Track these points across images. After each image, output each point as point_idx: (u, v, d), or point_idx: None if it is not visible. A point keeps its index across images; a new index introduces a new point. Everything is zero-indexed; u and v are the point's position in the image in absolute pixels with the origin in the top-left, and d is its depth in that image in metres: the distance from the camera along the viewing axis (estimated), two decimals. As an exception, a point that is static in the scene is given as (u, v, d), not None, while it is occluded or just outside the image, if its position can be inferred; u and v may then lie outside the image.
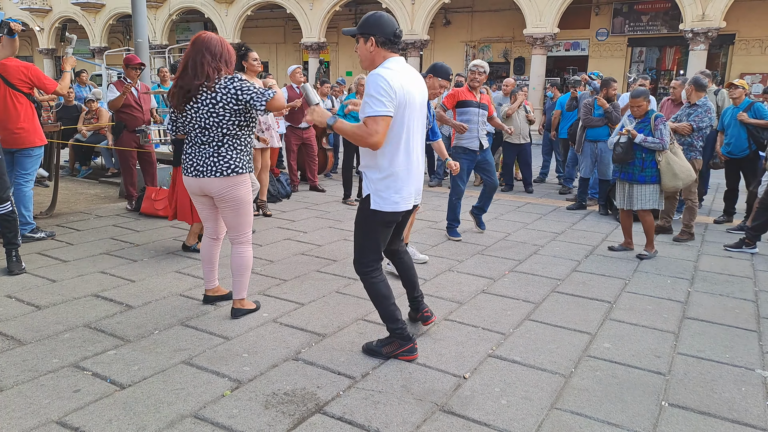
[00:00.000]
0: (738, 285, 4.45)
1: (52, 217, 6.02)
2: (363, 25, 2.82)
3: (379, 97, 2.66)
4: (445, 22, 22.74)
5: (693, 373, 3.00)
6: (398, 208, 2.88)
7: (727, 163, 6.54)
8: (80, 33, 28.85)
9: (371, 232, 2.96)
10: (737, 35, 18.24)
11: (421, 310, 3.36)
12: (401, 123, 2.80)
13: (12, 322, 3.37)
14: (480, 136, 5.46)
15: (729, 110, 6.48)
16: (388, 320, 3.04)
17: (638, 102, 5.10)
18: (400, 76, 2.76)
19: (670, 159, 4.98)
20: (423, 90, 2.97)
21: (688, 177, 5.01)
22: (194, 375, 2.81)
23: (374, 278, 3.00)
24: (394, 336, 3.03)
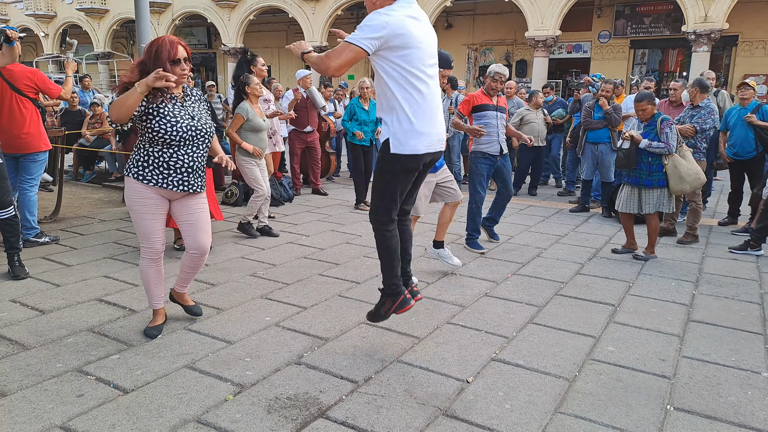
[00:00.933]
0: (743, 287, 4.42)
1: (56, 222, 6.04)
2: None
3: (362, 27, 2.65)
4: (446, 25, 22.78)
5: (698, 376, 2.98)
6: (419, 150, 2.79)
7: (733, 164, 6.51)
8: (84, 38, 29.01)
9: (391, 180, 2.86)
10: (740, 37, 18.22)
11: (410, 285, 3.22)
12: (408, 62, 2.71)
13: (16, 326, 3.38)
14: (500, 140, 5.18)
15: (734, 111, 6.43)
16: (387, 273, 3.04)
17: (642, 106, 5.09)
18: (402, 18, 2.68)
19: (676, 162, 4.95)
20: (432, 36, 2.88)
21: (695, 180, 4.97)
22: (197, 379, 2.81)
23: (388, 231, 2.95)
24: (387, 291, 3.06)
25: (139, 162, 3.12)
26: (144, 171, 3.10)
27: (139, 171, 3.11)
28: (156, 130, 3.04)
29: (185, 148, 3.14)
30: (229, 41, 24.76)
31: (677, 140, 5.03)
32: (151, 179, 3.10)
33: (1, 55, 4.39)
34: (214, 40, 27.98)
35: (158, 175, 3.11)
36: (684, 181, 4.93)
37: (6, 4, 33.16)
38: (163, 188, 3.13)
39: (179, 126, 3.09)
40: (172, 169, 3.12)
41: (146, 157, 3.11)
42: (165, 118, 3.05)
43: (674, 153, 4.97)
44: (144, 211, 3.14)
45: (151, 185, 3.11)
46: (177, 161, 3.13)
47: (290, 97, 7.76)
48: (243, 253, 5.05)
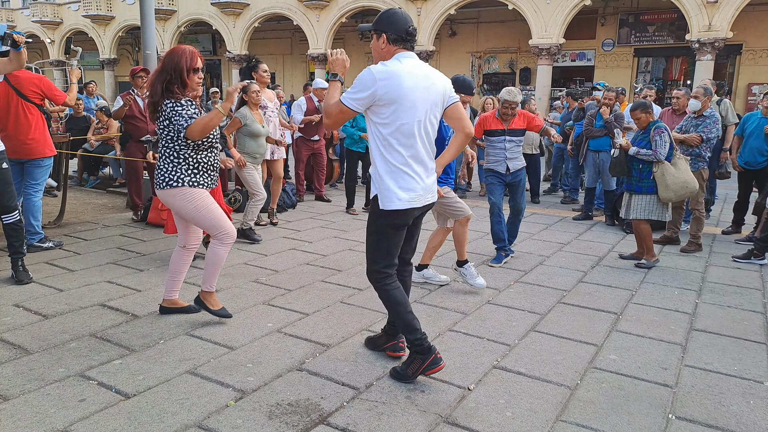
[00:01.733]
0: (746, 296, 4.41)
1: (60, 227, 6.07)
2: (377, 21, 2.82)
3: (355, 87, 2.70)
4: (450, 33, 22.88)
5: (700, 385, 2.97)
6: (402, 206, 2.77)
7: (742, 173, 6.48)
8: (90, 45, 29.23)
9: (381, 236, 2.87)
10: (744, 45, 18.23)
11: (398, 339, 3.11)
12: (394, 119, 2.70)
13: (19, 331, 3.39)
14: (507, 160, 5.25)
15: (754, 118, 6.33)
16: (405, 330, 2.87)
17: (635, 115, 5.24)
18: (394, 73, 2.66)
19: (664, 170, 5.03)
20: (434, 86, 2.79)
21: (680, 189, 5.00)
22: (198, 385, 2.81)
23: (387, 285, 2.89)
24: (414, 350, 2.87)
25: (188, 170, 3.33)
26: (197, 177, 3.37)
27: (192, 179, 3.35)
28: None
29: (215, 149, 3.48)
30: (233, 48, 24.90)
31: (670, 148, 5.07)
32: (203, 183, 3.39)
33: (8, 61, 4.43)
34: (219, 47, 28.15)
35: (207, 178, 3.42)
36: (669, 189, 5.00)
37: (13, 10, 33.47)
38: (208, 188, 3.43)
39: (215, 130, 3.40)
40: (212, 170, 3.45)
41: (195, 164, 3.35)
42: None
43: (663, 161, 5.02)
44: (209, 205, 3.37)
45: (203, 188, 3.39)
46: (214, 162, 3.47)
47: (302, 104, 7.83)
48: (246, 260, 5.06)
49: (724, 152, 6.88)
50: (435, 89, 2.80)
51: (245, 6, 24.28)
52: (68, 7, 30.66)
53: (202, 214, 3.38)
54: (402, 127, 2.71)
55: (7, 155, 4.35)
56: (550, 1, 18.08)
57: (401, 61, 2.73)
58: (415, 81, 2.71)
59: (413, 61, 2.77)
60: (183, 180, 3.33)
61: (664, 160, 5.03)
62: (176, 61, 3.24)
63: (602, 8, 19.87)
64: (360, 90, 2.68)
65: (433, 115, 2.83)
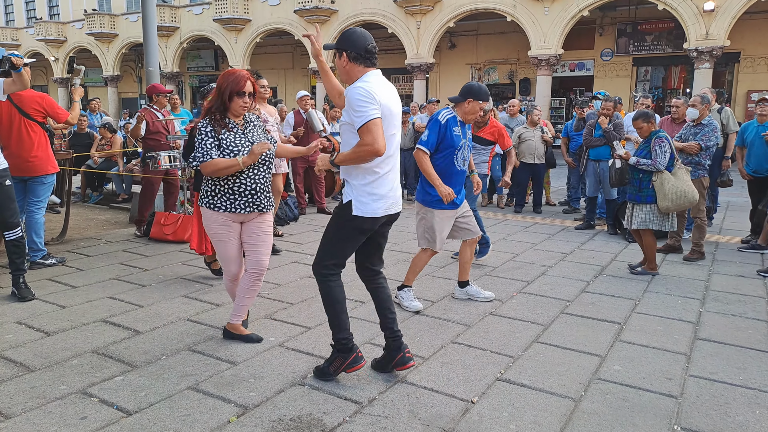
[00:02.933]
0: (750, 305, 4.39)
1: (63, 243, 6.09)
2: (338, 40, 2.93)
3: (365, 104, 2.73)
4: (450, 45, 23.03)
5: (705, 395, 2.95)
6: (377, 214, 2.91)
7: (751, 181, 6.47)
8: (93, 62, 29.48)
9: (345, 238, 2.97)
10: (742, 53, 18.31)
11: (403, 350, 3.05)
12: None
13: (21, 348, 3.39)
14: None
15: (752, 127, 6.37)
16: (335, 328, 3.00)
17: (637, 124, 5.27)
18: (378, 87, 2.81)
19: (663, 179, 5.04)
20: (398, 101, 3.00)
21: (678, 198, 4.99)
22: (200, 401, 2.80)
23: (333, 281, 3.01)
24: (337, 347, 2.99)
25: (208, 192, 3.34)
26: (214, 199, 3.32)
27: (209, 200, 3.33)
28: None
29: (247, 172, 3.30)
30: (236, 63, 25.09)
31: (671, 158, 5.07)
32: (221, 206, 3.30)
33: (11, 82, 4.48)
34: (222, 62, 28.37)
35: (225, 201, 3.30)
36: (667, 198, 5.00)
37: (17, 29, 33.84)
38: (231, 213, 3.31)
39: (243, 154, 3.24)
40: (237, 194, 3.30)
41: (213, 187, 3.33)
42: (225, 151, 3.23)
43: (662, 170, 5.03)
44: (219, 237, 3.37)
45: (221, 211, 3.31)
46: (240, 186, 3.29)
47: (290, 119, 7.83)
48: (248, 274, 5.06)
49: (726, 160, 6.89)
50: (398, 104, 2.98)
51: (247, 22, 24.51)
52: (72, 25, 31.01)
53: (212, 241, 3.45)
54: (387, 139, 2.83)
55: (10, 172, 4.38)
56: (548, 13, 18.21)
57: (371, 78, 2.85)
58: (388, 96, 2.87)
59: (380, 78, 2.90)
60: (201, 200, 3.37)
61: (663, 169, 5.03)
62: (222, 83, 3.25)
63: (600, 18, 20.01)
64: (369, 101, 2.74)
65: (399, 128, 3.03)
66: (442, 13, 20.10)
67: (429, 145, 4.09)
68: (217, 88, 3.28)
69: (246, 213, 3.33)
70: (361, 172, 2.89)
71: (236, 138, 3.27)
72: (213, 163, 3.18)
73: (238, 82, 3.22)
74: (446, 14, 20.02)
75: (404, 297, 4.21)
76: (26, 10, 33.97)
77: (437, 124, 4.10)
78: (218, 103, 3.26)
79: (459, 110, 4.15)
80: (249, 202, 3.32)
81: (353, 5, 21.85)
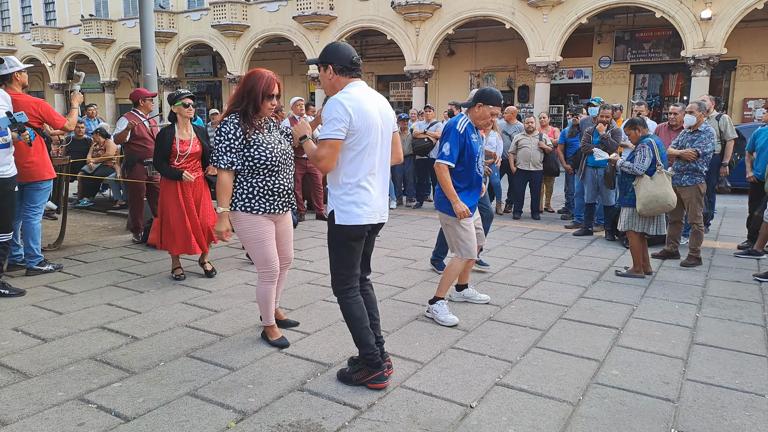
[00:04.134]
0: (747, 310, 4.40)
1: (60, 250, 6.08)
2: (322, 54, 2.96)
3: (333, 122, 2.79)
4: (449, 53, 23.12)
5: (702, 399, 2.95)
6: (361, 221, 2.91)
7: (754, 184, 6.51)
8: (90, 68, 29.49)
9: (340, 250, 3.00)
10: (739, 61, 18.42)
11: (383, 368, 3.03)
12: (359, 143, 2.86)
13: (18, 355, 3.38)
14: None
15: (764, 133, 6.47)
16: (360, 344, 3.01)
17: (626, 131, 5.51)
18: (357, 99, 2.84)
19: (641, 183, 5.18)
20: (385, 110, 2.99)
21: (650, 203, 5.09)
22: (199, 407, 2.80)
23: (349, 298, 3.02)
24: (365, 362, 3.01)
25: (244, 195, 3.31)
26: (251, 202, 3.31)
27: (246, 203, 3.31)
28: (257, 158, 3.28)
29: (282, 172, 3.39)
30: (234, 69, 25.15)
31: (653, 162, 5.17)
32: (260, 208, 3.32)
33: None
34: (220, 68, 28.43)
35: (265, 202, 3.33)
36: (639, 201, 5.16)
37: (13, 35, 33.86)
38: (271, 214, 3.36)
39: (276, 152, 3.33)
40: (276, 194, 3.37)
41: (250, 189, 3.31)
42: (262, 146, 3.29)
43: (641, 174, 5.17)
44: (261, 239, 3.35)
45: (260, 214, 3.32)
46: (279, 186, 3.37)
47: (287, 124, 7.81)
48: (246, 279, 5.06)
49: (724, 167, 6.92)
50: (385, 113, 2.99)
51: (245, 28, 24.57)
52: (69, 30, 31.03)
53: (249, 245, 3.40)
54: (365, 148, 2.88)
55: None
56: (546, 20, 18.31)
57: (352, 90, 2.88)
58: (370, 105, 2.89)
59: (363, 87, 2.94)
60: (236, 204, 3.32)
61: (641, 173, 5.18)
62: (253, 84, 3.26)
63: (598, 26, 20.12)
64: (339, 121, 2.79)
65: (385, 138, 2.99)
66: (441, 20, 20.19)
67: (452, 159, 3.96)
68: (245, 89, 3.27)
69: (283, 212, 3.42)
70: (340, 182, 2.93)
71: (266, 137, 3.33)
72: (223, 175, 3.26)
73: (270, 85, 3.27)
74: (445, 21, 20.10)
75: (438, 311, 4.02)
76: (22, 15, 33.97)
77: (457, 135, 3.96)
78: (247, 103, 3.27)
79: (471, 115, 4.08)
80: (285, 202, 3.43)
81: (352, 12, 21.93)
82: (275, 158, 3.33)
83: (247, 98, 3.25)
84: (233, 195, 3.33)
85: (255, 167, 3.30)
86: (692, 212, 5.76)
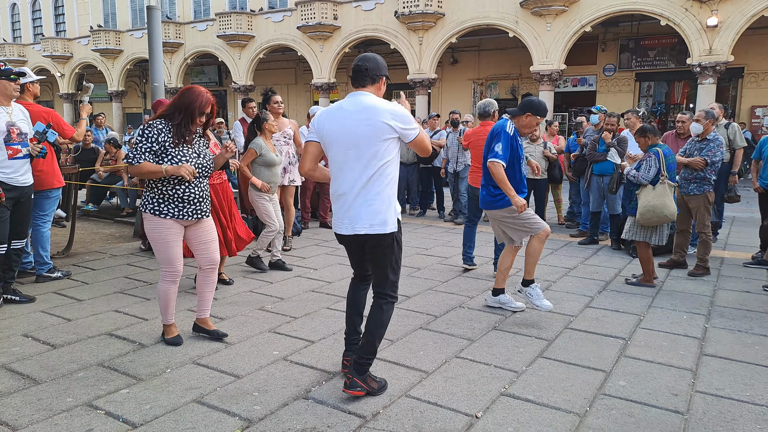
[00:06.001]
0: (757, 320, 4.37)
1: (69, 257, 6.11)
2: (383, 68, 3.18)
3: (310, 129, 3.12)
4: (452, 61, 23.18)
5: (712, 412, 2.93)
6: (336, 230, 3.07)
7: (762, 195, 6.47)
8: (99, 78, 29.74)
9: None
10: (746, 68, 18.37)
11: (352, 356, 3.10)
12: (327, 154, 3.05)
13: (28, 361, 3.40)
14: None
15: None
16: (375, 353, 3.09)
17: (637, 139, 5.53)
18: (327, 112, 3.03)
19: (643, 193, 5.22)
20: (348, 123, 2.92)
21: (647, 212, 5.11)
22: (205, 414, 2.80)
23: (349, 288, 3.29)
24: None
25: (154, 199, 3.47)
26: (160, 206, 3.47)
27: (155, 207, 3.47)
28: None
29: (194, 182, 3.52)
30: (239, 79, 25.30)
31: (657, 172, 5.16)
32: (168, 213, 3.47)
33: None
34: (225, 78, 28.60)
35: (174, 208, 3.48)
36: (639, 211, 5.20)
37: (24, 45, 34.22)
38: (180, 219, 3.51)
39: (191, 164, 3.47)
40: (187, 201, 3.51)
41: (160, 195, 3.46)
42: (176, 158, 3.43)
43: (644, 183, 5.19)
44: (165, 240, 3.50)
45: (168, 218, 3.47)
46: (190, 194, 3.52)
47: (305, 133, 7.92)
48: (251, 287, 5.07)
49: (733, 176, 6.89)
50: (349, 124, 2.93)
51: (250, 38, 24.75)
52: (78, 41, 31.34)
53: (154, 244, 3.54)
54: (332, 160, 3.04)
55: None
56: (550, 28, 18.35)
57: (341, 101, 3.05)
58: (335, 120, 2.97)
59: (345, 100, 3.03)
60: (146, 207, 3.48)
61: (644, 182, 5.19)
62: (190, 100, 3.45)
63: (602, 34, 20.14)
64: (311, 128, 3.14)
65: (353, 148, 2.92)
66: (444, 29, 20.27)
67: (504, 159, 4.18)
68: (182, 104, 3.43)
69: (194, 219, 3.57)
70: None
71: (186, 150, 3.48)
72: (141, 165, 3.36)
73: (206, 104, 3.47)
74: (448, 30, 20.18)
75: (532, 294, 4.33)
76: (33, 26, 34.36)
77: (508, 137, 4.20)
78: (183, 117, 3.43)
79: (517, 123, 4.31)
80: (196, 210, 3.56)
81: (356, 22, 22.06)
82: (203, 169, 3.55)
83: (184, 113, 3.43)
84: (144, 197, 3.52)
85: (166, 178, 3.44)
86: (700, 221, 5.74)
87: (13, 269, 4.58)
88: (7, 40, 34.74)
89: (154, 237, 3.51)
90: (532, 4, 17.97)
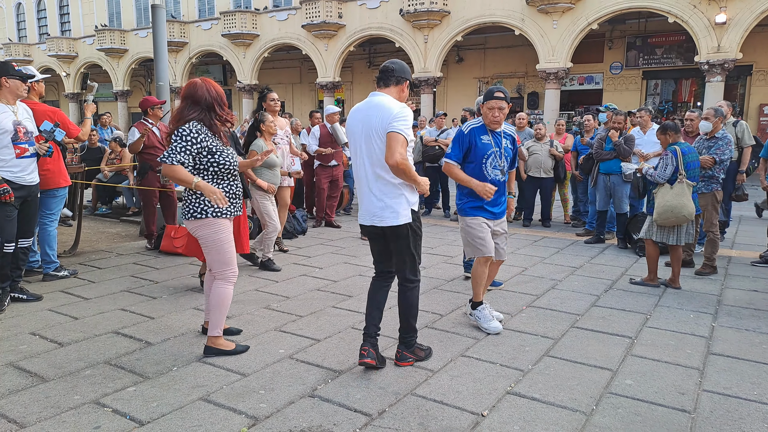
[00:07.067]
0: (764, 319, 4.34)
1: (75, 256, 6.14)
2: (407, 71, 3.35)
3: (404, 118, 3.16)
4: (458, 59, 23.13)
5: (719, 410, 2.92)
6: (359, 220, 3.35)
7: None
8: (104, 77, 29.86)
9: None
10: (755, 66, 18.23)
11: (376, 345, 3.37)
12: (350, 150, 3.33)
13: (36, 359, 3.42)
14: None
15: None
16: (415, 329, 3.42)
17: (658, 136, 5.41)
18: (353, 108, 3.29)
19: (660, 192, 5.17)
20: (361, 119, 3.19)
21: (665, 212, 5.04)
22: (212, 412, 2.81)
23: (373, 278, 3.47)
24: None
25: (208, 201, 3.32)
26: (220, 207, 3.35)
27: (215, 209, 3.34)
28: (223, 163, 3.36)
29: (238, 176, 3.55)
30: (244, 78, 25.35)
31: (675, 171, 5.09)
32: (227, 212, 3.41)
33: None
34: (230, 77, 28.65)
35: (230, 206, 3.44)
36: (656, 210, 5.14)
37: (29, 45, 34.39)
38: (231, 218, 3.48)
39: (234, 157, 3.47)
40: (237, 197, 3.50)
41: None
42: (226, 151, 3.39)
43: (661, 182, 5.14)
44: (229, 240, 3.44)
45: (226, 217, 3.42)
46: (238, 189, 3.52)
47: (316, 132, 7.99)
48: (257, 286, 5.09)
49: (741, 174, 6.85)
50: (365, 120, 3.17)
51: (255, 37, 24.78)
52: (83, 41, 31.48)
53: (218, 246, 3.38)
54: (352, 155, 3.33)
55: None
56: (556, 26, 18.28)
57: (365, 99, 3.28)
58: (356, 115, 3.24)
59: (368, 98, 3.24)
60: (207, 212, 3.33)
61: (661, 181, 5.14)
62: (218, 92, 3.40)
63: (609, 32, 20.04)
64: None
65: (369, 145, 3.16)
66: (449, 27, 20.23)
67: (454, 157, 4.08)
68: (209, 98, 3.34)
69: (235, 216, 3.52)
70: None
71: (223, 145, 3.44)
72: (176, 169, 3.22)
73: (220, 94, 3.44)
74: (454, 28, 20.14)
75: (480, 317, 4.05)
76: (38, 26, 34.54)
77: (459, 134, 4.15)
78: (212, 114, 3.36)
79: (483, 118, 4.14)
80: (239, 206, 3.54)
81: (360, 20, 22.05)
82: (235, 163, 3.48)
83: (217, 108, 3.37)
84: (192, 204, 3.33)
85: (220, 171, 3.37)
86: (708, 220, 5.71)
87: (20, 268, 4.60)
88: (12, 39, 34.93)
89: (220, 239, 3.36)
90: (539, 2, 17.90)
